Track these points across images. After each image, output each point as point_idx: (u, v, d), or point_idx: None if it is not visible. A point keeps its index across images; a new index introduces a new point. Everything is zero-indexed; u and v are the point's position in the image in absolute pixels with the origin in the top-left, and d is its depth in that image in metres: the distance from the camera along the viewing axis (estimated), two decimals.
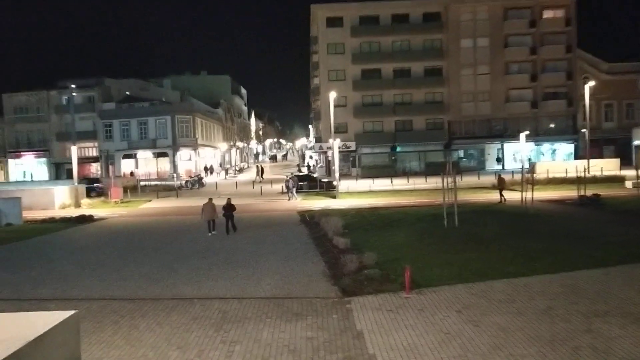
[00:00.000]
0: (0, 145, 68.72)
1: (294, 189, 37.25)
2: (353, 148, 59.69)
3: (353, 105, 60.00)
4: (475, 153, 62.20)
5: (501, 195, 29.16)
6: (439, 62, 60.49)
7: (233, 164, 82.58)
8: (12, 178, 66.62)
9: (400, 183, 44.23)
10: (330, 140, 43.64)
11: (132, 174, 60.33)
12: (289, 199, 36.31)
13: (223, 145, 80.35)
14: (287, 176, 42.04)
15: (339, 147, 44.09)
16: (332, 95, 40.45)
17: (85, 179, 48.03)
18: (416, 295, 10.85)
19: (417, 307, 10.09)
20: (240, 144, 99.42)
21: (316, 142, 67.77)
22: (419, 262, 13.52)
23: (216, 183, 51.94)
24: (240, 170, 78.95)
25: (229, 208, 22.21)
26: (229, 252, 17.59)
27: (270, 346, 8.45)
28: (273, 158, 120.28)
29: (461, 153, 61.79)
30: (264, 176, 59.47)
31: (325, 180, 44.22)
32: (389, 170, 55.43)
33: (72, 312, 2.92)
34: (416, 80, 60.28)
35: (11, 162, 68.43)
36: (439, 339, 8.35)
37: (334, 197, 36.00)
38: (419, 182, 43.62)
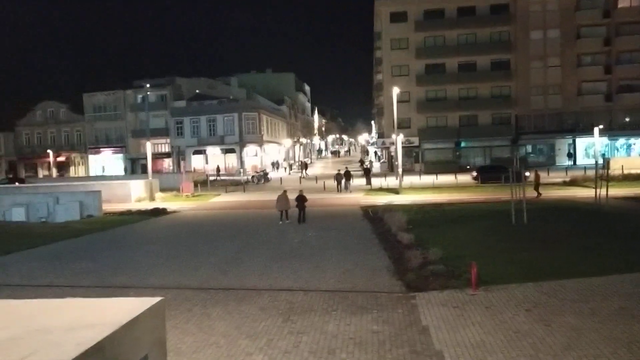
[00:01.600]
0: (81, 142, 72.99)
1: (348, 183, 39.41)
2: (416, 143, 58.96)
3: (416, 101, 59.24)
4: (544, 148, 59.87)
5: (537, 191, 29.01)
6: (506, 55, 58.61)
7: (297, 159, 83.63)
8: (91, 173, 70.57)
9: (464, 179, 43.30)
10: (393, 136, 43.40)
11: (218, 169, 61.90)
12: (339, 191, 38.39)
13: (287, 142, 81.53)
14: (338, 170, 43.47)
15: (402, 143, 43.71)
16: (395, 91, 40.15)
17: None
18: (483, 293, 10.70)
19: (484, 305, 9.97)
20: (303, 140, 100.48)
21: (379, 137, 67.48)
22: (485, 259, 13.29)
23: (280, 178, 52.84)
24: (305, 166, 79.80)
25: (301, 200, 23.74)
26: (294, 245, 17.96)
27: (336, 338, 8.62)
28: (335, 154, 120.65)
29: (529, 148, 59.64)
30: (308, 172, 60.05)
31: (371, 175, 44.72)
32: (453, 166, 54.40)
33: (159, 298, 3.12)
34: (482, 74, 58.69)
35: (91, 158, 72.51)
36: (508, 338, 8.23)
37: (397, 192, 35.80)
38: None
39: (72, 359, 2.10)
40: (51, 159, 68.81)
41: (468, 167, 53.91)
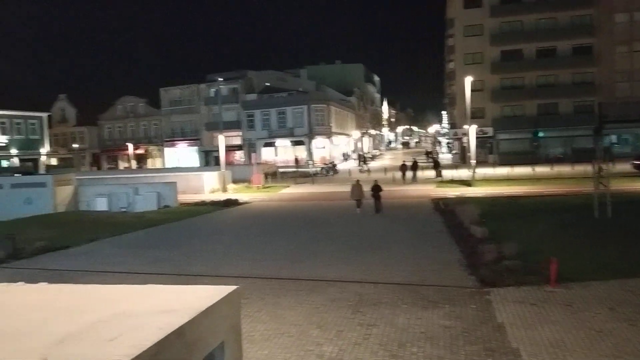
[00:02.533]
0: (158, 134, 76.32)
1: (415, 174, 40.20)
2: (490, 134, 57.04)
3: (491, 89, 57.22)
4: (630, 138, 56.19)
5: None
6: (588, 40, 55.32)
7: (365, 151, 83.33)
8: (167, 165, 73.66)
9: (542, 171, 41.45)
10: (466, 126, 42.21)
11: (296, 160, 62.45)
12: (404, 182, 38.92)
13: (356, 133, 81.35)
14: (403, 161, 44.06)
15: (475, 133, 42.46)
16: (469, 80, 39.00)
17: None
18: (562, 290, 10.21)
19: (563, 302, 9.51)
20: (372, 132, 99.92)
21: (450, 128, 65.89)
22: (564, 254, 12.65)
23: (349, 170, 52.85)
24: (373, 158, 79.46)
25: (376, 189, 24.13)
26: (363, 237, 17.91)
27: (406, 331, 8.52)
28: (405, 145, 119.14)
29: (614, 138, 56.15)
30: (370, 164, 59.56)
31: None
32: (530, 157, 52.17)
33: (235, 287, 3.16)
34: (562, 60, 55.74)
35: (167, 150, 75.67)
36: (590, 337, 7.80)
37: (469, 184, 34.85)
38: (564, 170, 40.56)
39: (155, 343, 2.17)
40: (130, 151, 72.44)
41: (555, 157, 51.53)
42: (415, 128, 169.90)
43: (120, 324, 2.46)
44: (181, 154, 74.87)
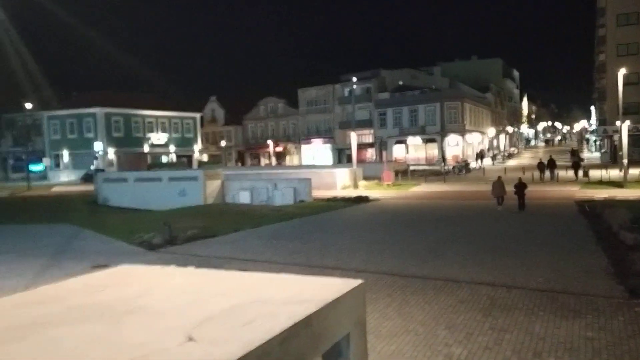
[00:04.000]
0: (295, 133, 79.61)
1: (553, 172, 38.62)
2: None
3: None
4: None
5: None
6: None
7: (502, 149, 79.31)
8: (303, 162, 76.55)
9: None
10: (618, 123, 38.40)
11: (443, 158, 60.98)
12: (542, 180, 37.61)
13: (491, 130, 77.80)
14: (540, 159, 42.29)
15: (629, 130, 38.47)
16: (621, 72, 35.46)
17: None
18: None
19: None
20: (509, 129, 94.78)
21: (599, 125, 60.30)
22: None
23: (483, 169, 50.70)
24: (510, 156, 75.39)
25: (520, 187, 23.66)
26: (498, 238, 17.15)
27: (543, 340, 8.04)
28: (547, 142, 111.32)
29: None
30: (510, 162, 55.96)
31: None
32: None
33: (360, 281, 3.25)
34: None
35: (303, 148, 78.66)
36: None
37: (620, 186, 31.68)
38: None
39: (283, 330, 2.34)
40: (271, 149, 76.41)
41: None
42: (558, 125, 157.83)
43: (256, 309, 2.67)
44: (316, 152, 77.28)
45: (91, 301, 2.86)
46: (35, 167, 63.01)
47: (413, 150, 67.34)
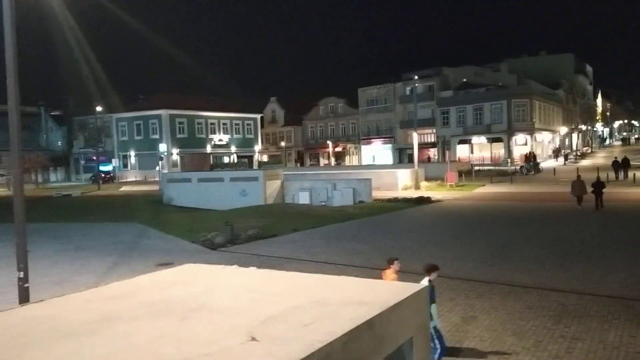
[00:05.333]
0: (355, 133, 79.54)
1: (627, 172, 37.77)
2: None
3: None
4: None
5: None
6: None
7: (574, 148, 75.94)
8: (363, 162, 76.36)
9: None
10: None
11: (529, 157, 56.02)
12: (617, 179, 36.61)
13: (562, 129, 74.61)
14: (615, 157, 41.19)
15: None
16: None
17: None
18: None
19: None
20: (582, 127, 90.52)
21: None
22: None
23: (554, 169, 48.67)
24: (582, 156, 72.03)
25: (598, 186, 23.39)
26: (568, 242, 16.39)
27: (617, 350, 7.62)
28: (624, 141, 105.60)
29: None
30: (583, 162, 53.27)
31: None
32: None
33: (424, 285, 3.20)
34: None
35: (363, 148, 78.43)
36: None
37: None
38: None
39: (345, 332, 2.32)
40: (330, 149, 76.68)
41: None
42: (635, 123, 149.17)
43: (316, 311, 2.67)
44: (376, 152, 76.86)
45: (159, 298, 2.95)
46: (105, 168, 66.26)
47: (477, 149, 65.64)
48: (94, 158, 61.15)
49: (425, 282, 6.89)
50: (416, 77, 56.85)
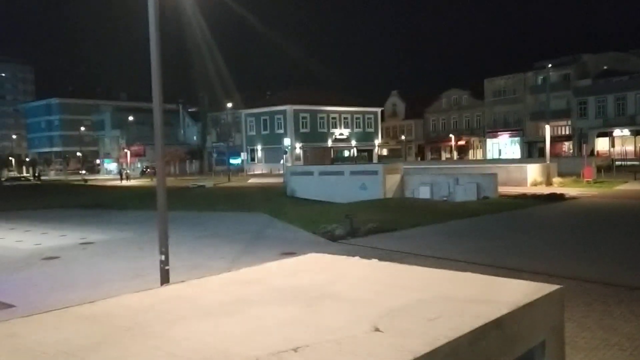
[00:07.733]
0: (480, 126, 76.54)
1: None
2: None
3: None
4: None
5: None
6: None
7: None
8: (488, 156, 73.32)
9: None
10: None
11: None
12: None
13: None
14: None
15: None
16: None
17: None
18: None
19: None
20: None
21: None
22: None
23: None
24: None
25: None
26: None
27: None
28: None
29: None
30: None
31: None
32: None
33: (558, 286, 3.04)
34: None
35: (488, 141, 75.29)
36: None
37: None
38: None
39: (472, 329, 2.26)
40: (452, 142, 74.54)
41: None
42: None
43: (440, 306, 2.64)
44: (502, 145, 73.41)
45: (287, 284, 3.10)
46: (235, 161, 70.48)
47: (619, 143, 60.01)
48: (225, 152, 65.35)
49: None
50: (550, 65, 53.19)
